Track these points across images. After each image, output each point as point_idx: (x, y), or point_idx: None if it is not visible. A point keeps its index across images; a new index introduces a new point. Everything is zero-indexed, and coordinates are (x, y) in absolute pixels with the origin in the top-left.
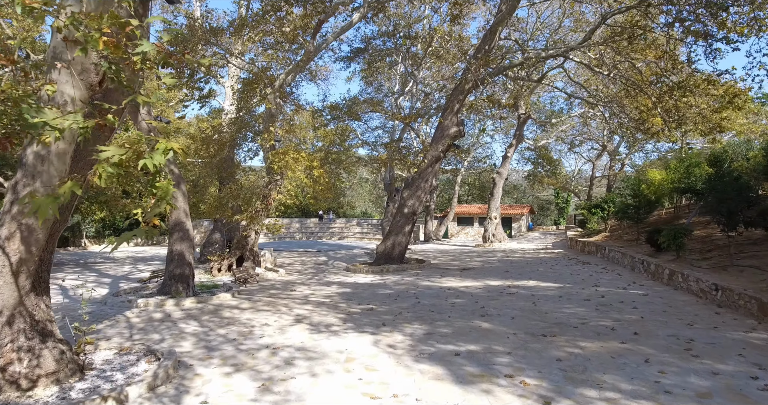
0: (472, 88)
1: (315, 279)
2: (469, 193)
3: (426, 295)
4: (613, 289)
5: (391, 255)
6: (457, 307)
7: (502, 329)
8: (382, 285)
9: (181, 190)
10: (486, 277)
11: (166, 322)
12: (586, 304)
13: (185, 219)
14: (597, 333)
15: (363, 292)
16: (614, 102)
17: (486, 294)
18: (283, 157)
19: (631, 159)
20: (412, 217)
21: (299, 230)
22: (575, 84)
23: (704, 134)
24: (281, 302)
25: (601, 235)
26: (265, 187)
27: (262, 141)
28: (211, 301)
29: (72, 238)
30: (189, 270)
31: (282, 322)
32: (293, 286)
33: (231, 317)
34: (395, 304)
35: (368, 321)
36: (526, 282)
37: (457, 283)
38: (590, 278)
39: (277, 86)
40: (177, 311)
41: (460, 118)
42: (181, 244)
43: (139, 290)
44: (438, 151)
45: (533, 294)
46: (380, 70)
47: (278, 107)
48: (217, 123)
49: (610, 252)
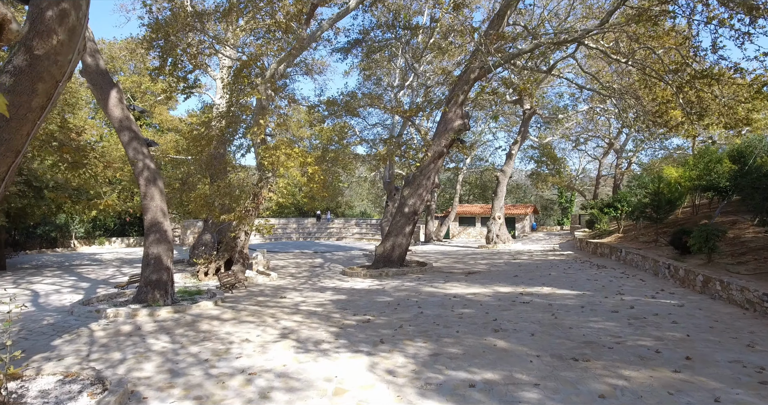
0: (479, 77)
1: (308, 284)
2: (470, 192)
3: (429, 304)
4: (641, 298)
5: (390, 257)
6: (466, 319)
7: (522, 349)
8: (381, 291)
9: (157, 187)
10: (494, 282)
11: (134, 337)
12: (614, 316)
13: (162, 219)
14: (639, 357)
15: (359, 300)
16: (629, 94)
17: (497, 303)
18: (274, 153)
19: (638, 157)
20: (413, 216)
21: (296, 230)
22: (586, 75)
23: (729, 127)
24: (268, 312)
25: (613, 237)
26: (256, 185)
27: (252, 135)
28: (189, 311)
29: (61, 238)
30: (167, 275)
31: (265, 338)
32: (284, 292)
33: (209, 331)
34: (395, 314)
35: (364, 336)
36: (539, 289)
37: (463, 289)
38: (611, 284)
39: (268, 76)
40: (149, 323)
41: (465, 110)
42: (158, 247)
43: (114, 297)
44: (441, 145)
45: (550, 303)
46: (379, 63)
47: (270, 99)
48: (205, 117)
49: (627, 255)
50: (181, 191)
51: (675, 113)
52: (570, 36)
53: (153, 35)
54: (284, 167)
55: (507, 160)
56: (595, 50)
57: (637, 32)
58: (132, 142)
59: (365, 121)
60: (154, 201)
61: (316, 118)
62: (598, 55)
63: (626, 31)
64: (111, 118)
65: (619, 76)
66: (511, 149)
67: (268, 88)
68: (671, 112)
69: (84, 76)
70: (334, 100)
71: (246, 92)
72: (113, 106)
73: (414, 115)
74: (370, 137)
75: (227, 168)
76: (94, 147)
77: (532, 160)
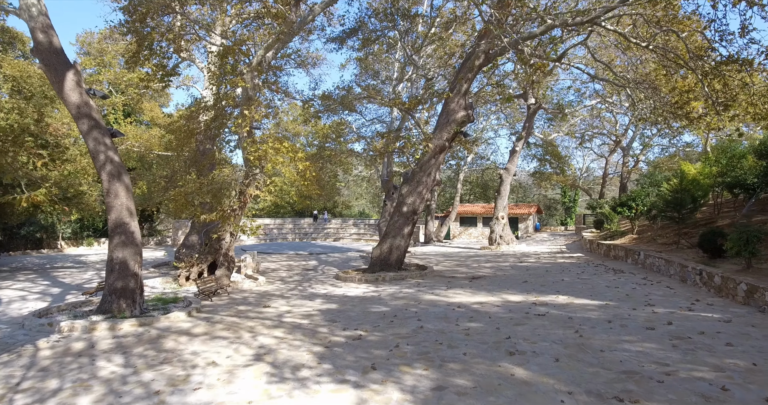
0: (484, 63)
1: (298, 290)
2: (471, 191)
3: (430, 316)
4: (675, 311)
5: (387, 260)
6: (474, 335)
7: (548, 382)
8: (376, 299)
9: (122, 183)
10: (502, 288)
11: (83, 358)
12: (652, 335)
13: (129, 219)
14: (703, 397)
15: (352, 310)
16: (645, 84)
17: (507, 315)
18: (260, 147)
19: (646, 154)
20: (412, 216)
21: (292, 231)
22: (597, 66)
23: (758, 119)
24: (247, 324)
25: (627, 238)
26: (242, 182)
27: (236, 127)
28: (157, 324)
29: (47, 239)
30: (135, 282)
31: (236, 360)
32: (270, 299)
33: (172, 350)
34: (391, 329)
35: (353, 359)
36: (554, 297)
37: (467, 297)
38: (635, 293)
39: (255, 64)
40: (107, 339)
41: (469, 100)
42: (123, 250)
43: (79, 306)
44: (443, 139)
45: (570, 316)
46: (377, 56)
47: (257, 89)
48: (187, 111)
49: (646, 258)
50: (165, 189)
51: (695, 104)
52: (587, 16)
53: (128, 18)
54: (272, 163)
55: (511, 157)
56: (612, 34)
57: (657, 15)
58: (92, 131)
59: (362, 117)
60: (118, 199)
61: (311, 114)
62: (611, 43)
63: (645, 16)
64: (67, 105)
65: (634, 66)
66: (515, 146)
67: (255, 76)
68: (692, 103)
69: (35, 55)
70: (330, 94)
71: (230, 80)
72: (70, 90)
73: (413, 108)
74: (367, 135)
75: (215, 164)
76: (76, 141)
77: (535, 158)
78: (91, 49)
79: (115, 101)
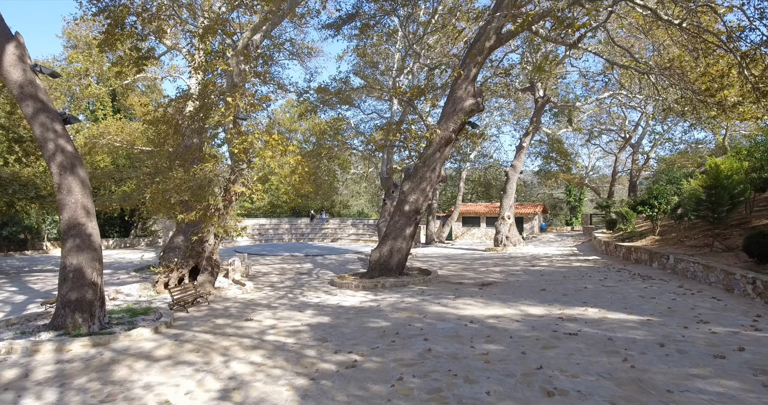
0: (495, 45)
1: (287, 298)
2: (473, 190)
3: (439, 334)
4: (739, 331)
5: (387, 265)
6: (495, 363)
7: None
8: (375, 311)
9: (76, 177)
10: (518, 298)
11: (8, 393)
12: (725, 366)
13: (85, 219)
14: None
15: (346, 325)
16: (672, 69)
17: (532, 334)
18: (246, 139)
19: (656, 152)
20: (414, 216)
21: (289, 231)
22: (615, 52)
23: None
24: (221, 344)
25: (648, 239)
26: (228, 179)
27: (220, 117)
28: (115, 343)
29: (31, 240)
30: (93, 293)
31: (196, 397)
32: (254, 310)
33: (121, 382)
34: (392, 352)
35: (343, 399)
36: (582, 310)
37: (480, 309)
38: (677, 305)
39: (241, 47)
40: (47, 365)
41: (478, 87)
42: (78, 256)
43: (33, 320)
44: (449, 130)
45: (609, 336)
46: (376, 45)
47: (243, 75)
48: (171, 102)
49: (677, 262)
50: (145, 187)
51: (729, 92)
52: None
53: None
54: (260, 156)
55: (517, 153)
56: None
57: None
58: (39, 115)
59: (361, 111)
60: (72, 195)
61: (307, 108)
62: (632, 26)
63: None
64: (8, 83)
65: (656, 51)
66: (522, 141)
67: (242, 62)
68: (725, 90)
69: None
70: (326, 86)
71: (210, 63)
72: (10, 65)
73: (416, 98)
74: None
75: (202, 160)
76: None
77: (540, 155)
78: (78, 42)
79: (98, 93)
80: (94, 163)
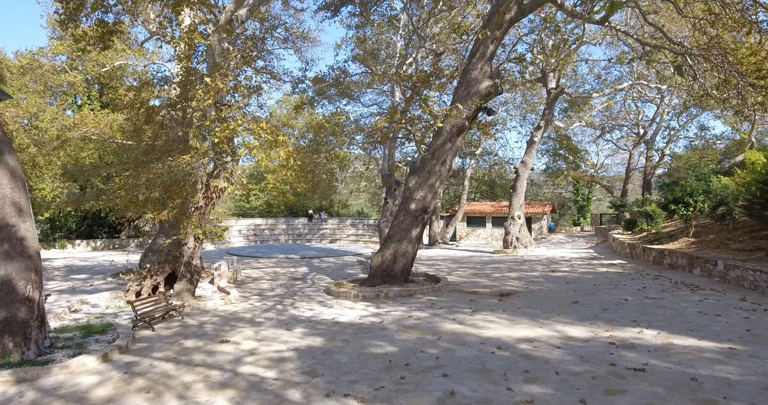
0: (516, 17)
1: (275, 310)
2: (477, 189)
3: (461, 368)
4: None
5: (391, 271)
6: None
7: None
8: (378, 329)
9: (3, 166)
10: (548, 313)
11: None
12: None
13: (15, 218)
14: None
15: (342, 350)
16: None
17: (583, 368)
18: (227, 126)
19: (671, 148)
20: (422, 215)
21: (285, 232)
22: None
23: None
24: (181, 380)
25: (682, 242)
26: (208, 173)
27: (197, 101)
28: (45, 378)
29: None
30: (28, 311)
31: None
32: (234, 327)
33: None
34: (403, 396)
35: None
36: (637, 332)
37: (506, 328)
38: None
39: (223, 22)
40: None
41: (495, 68)
42: (7, 265)
43: None
44: (461, 116)
45: (691, 374)
46: (378, 27)
47: (225, 54)
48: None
49: (728, 269)
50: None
51: None
52: None
53: None
54: (246, 147)
55: (528, 148)
56: None
57: None
58: None
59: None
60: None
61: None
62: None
63: None
64: None
65: (692, 30)
66: (533, 136)
67: (224, 39)
68: None
69: None
70: (322, 77)
71: (184, 36)
72: None
73: (422, 84)
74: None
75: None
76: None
77: (547, 152)
78: (64, 33)
79: (74, 80)
80: (80, 160)
